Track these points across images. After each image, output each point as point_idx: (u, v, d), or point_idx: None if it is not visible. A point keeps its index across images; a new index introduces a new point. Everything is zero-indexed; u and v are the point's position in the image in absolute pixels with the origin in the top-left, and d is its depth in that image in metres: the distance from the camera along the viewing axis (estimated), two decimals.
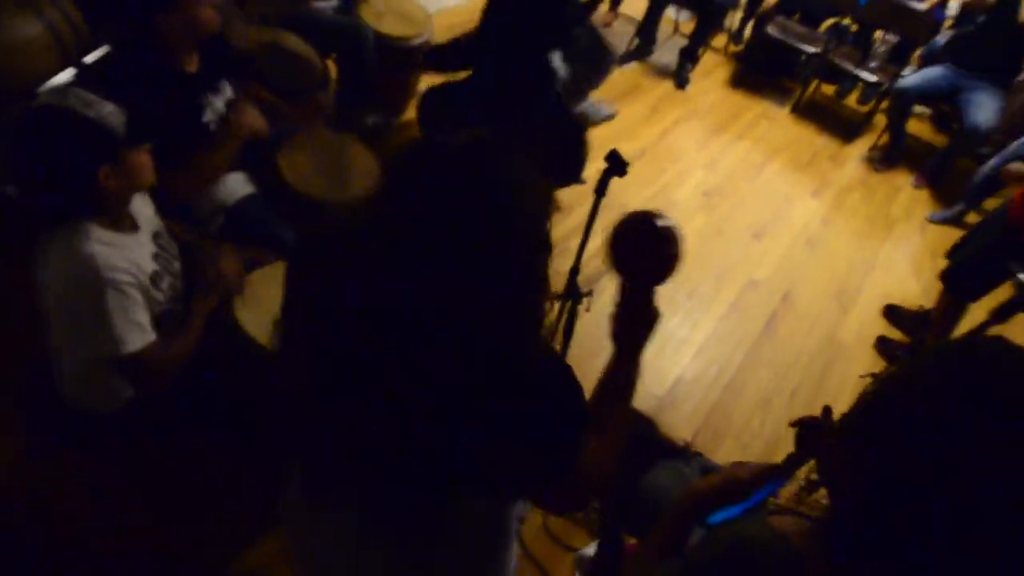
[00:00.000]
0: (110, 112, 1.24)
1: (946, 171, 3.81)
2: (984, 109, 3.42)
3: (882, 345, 2.73)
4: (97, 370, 1.35)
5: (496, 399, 0.69)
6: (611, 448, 0.86)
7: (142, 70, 1.58)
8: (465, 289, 0.66)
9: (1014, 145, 3.29)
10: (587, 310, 1.60)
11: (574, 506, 0.86)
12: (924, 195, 3.79)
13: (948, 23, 4.56)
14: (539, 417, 0.72)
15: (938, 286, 2.57)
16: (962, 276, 2.46)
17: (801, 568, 0.66)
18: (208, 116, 1.75)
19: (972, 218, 3.50)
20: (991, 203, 3.33)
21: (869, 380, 1.12)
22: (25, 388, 1.58)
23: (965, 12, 4.44)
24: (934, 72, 3.68)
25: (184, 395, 1.47)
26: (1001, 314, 1.51)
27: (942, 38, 4.29)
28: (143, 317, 1.32)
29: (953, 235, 3.51)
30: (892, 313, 2.88)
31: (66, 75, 1.93)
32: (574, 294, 1.60)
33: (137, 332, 1.30)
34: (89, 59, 1.97)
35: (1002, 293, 3.12)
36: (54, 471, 1.69)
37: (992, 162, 3.33)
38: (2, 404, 1.60)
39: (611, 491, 1.09)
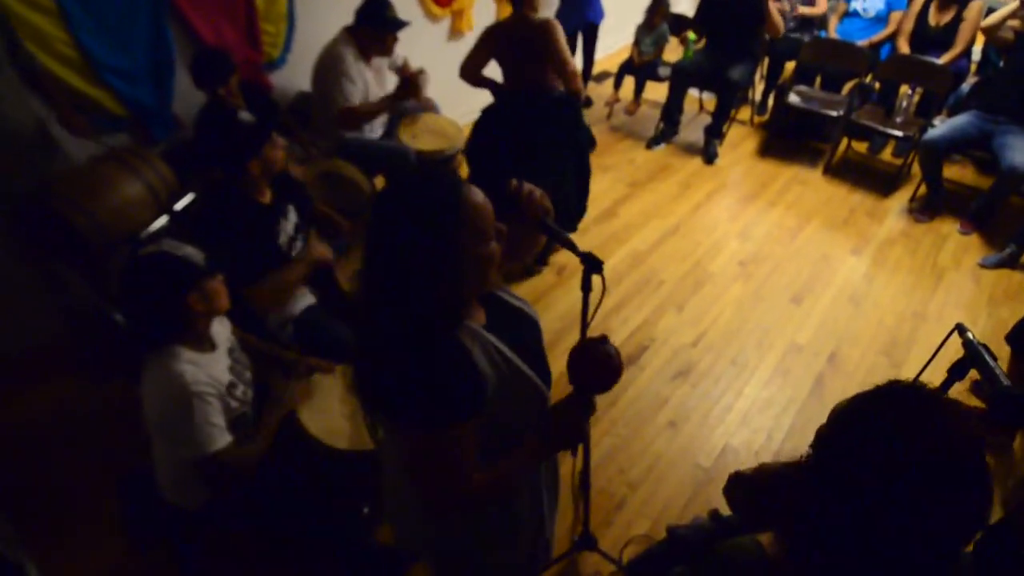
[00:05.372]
0: (191, 252, 1.56)
1: (992, 213, 3.75)
2: (1019, 150, 3.41)
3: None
4: (189, 471, 1.58)
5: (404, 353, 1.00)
6: (496, 479, 1.11)
7: (228, 209, 1.92)
8: (420, 257, 0.98)
9: None
10: None
11: (453, 504, 1.12)
12: (973, 240, 3.72)
13: (973, 68, 4.60)
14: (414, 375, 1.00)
15: (1001, 332, 2.51)
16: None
17: (767, 565, 0.90)
18: (281, 239, 2.07)
19: None
20: None
21: None
22: (127, 492, 1.82)
23: (986, 57, 4.49)
24: (961, 120, 3.71)
25: (257, 492, 1.69)
26: (957, 371, 1.46)
27: (967, 86, 4.33)
28: (221, 421, 1.57)
29: (1010, 278, 3.42)
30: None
31: (161, 221, 2.31)
32: None
33: (218, 434, 1.54)
34: (179, 206, 2.36)
35: None
36: (154, 563, 1.91)
37: None
38: (109, 507, 1.84)
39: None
